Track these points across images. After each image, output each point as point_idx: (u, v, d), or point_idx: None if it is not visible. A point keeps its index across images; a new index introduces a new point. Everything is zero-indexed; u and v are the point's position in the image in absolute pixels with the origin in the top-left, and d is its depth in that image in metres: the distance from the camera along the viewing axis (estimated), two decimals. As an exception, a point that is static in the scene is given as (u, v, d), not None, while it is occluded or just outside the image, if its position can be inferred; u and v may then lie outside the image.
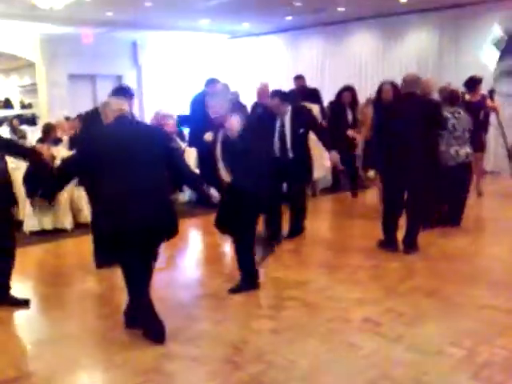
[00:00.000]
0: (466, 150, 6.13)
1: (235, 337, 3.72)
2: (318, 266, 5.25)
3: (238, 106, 7.97)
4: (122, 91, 5.15)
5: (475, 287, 4.54)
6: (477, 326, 3.77)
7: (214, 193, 4.02)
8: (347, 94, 8.54)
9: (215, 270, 5.31)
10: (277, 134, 5.71)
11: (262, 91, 7.63)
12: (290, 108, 5.77)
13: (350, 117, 8.53)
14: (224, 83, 7.74)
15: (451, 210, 6.38)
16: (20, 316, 4.27)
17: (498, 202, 8.00)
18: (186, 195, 8.19)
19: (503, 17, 10.66)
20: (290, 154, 5.74)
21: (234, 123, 4.49)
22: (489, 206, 7.89)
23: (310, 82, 9.94)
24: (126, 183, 3.52)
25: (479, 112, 7.45)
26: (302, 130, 5.74)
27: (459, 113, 6.09)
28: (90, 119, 5.07)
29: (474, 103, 7.41)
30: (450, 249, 5.63)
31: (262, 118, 6.29)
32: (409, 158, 5.26)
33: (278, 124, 5.74)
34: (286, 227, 6.08)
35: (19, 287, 4.80)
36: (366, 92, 9.52)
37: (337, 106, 8.71)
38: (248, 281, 4.60)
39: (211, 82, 7.93)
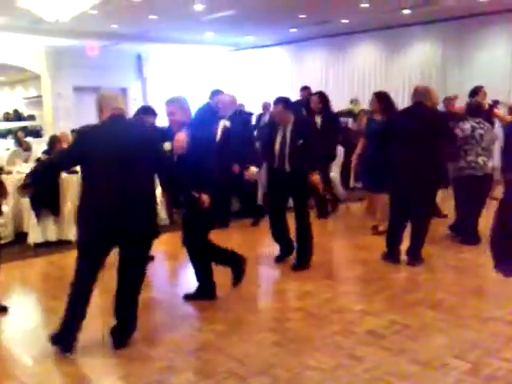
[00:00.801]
0: (493, 162, 6.10)
1: (239, 349, 3.71)
2: (322, 278, 5.24)
3: (243, 116, 8.00)
4: (150, 111, 5.96)
5: (479, 299, 4.52)
6: (481, 339, 3.76)
7: (205, 198, 4.10)
8: (315, 98, 7.66)
9: (219, 281, 5.30)
10: (277, 145, 5.53)
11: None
12: (292, 118, 5.53)
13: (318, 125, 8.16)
14: (231, 95, 7.70)
15: (467, 222, 6.18)
16: (23, 329, 4.27)
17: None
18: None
19: (506, 28, 10.71)
20: (287, 167, 5.42)
21: (180, 139, 4.29)
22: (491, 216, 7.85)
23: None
24: (109, 186, 3.50)
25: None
26: (300, 142, 5.42)
27: (484, 124, 6.07)
28: None
29: None
30: (454, 260, 5.62)
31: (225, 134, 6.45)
32: (414, 169, 5.27)
33: (280, 134, 5.54)
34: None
35: (23, 300, 4.82)
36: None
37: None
38: (202, 291, 4.68)
39: (216, 93, 7.93)
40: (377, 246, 6.08)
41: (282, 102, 5.47)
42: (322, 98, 7.66)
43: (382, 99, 6.45)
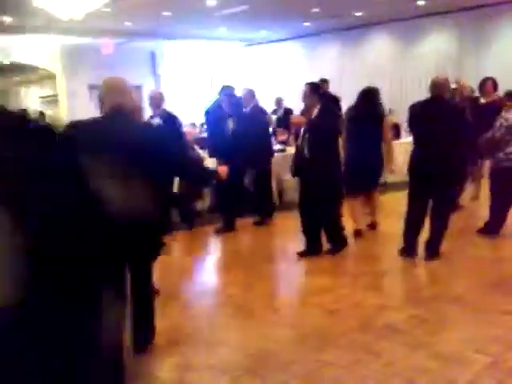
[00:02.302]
0: None
1: (257, 345, 3.69)
2: (339, 273, 5.21)
3: (257, 111, 7.94)
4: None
5: (499, 293, 4.46)
6: (502, 333, 3.70)
7: (222, 170, 3.73)
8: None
9: (235, 277, 5.30)
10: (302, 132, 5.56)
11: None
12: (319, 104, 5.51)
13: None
14: (249, 88, 7.69)
15: (497, 214, 6.03)
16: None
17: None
18: (205, 203, 8.19)
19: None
20: (306, 153, 5.48)
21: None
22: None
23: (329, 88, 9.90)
24: None
25: (493, 114, 7.25)
26: (324, 126, 5.44)
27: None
28: None
29: (486, 105, 7.28)
30: (472, 254, 5.55)
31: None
32: (434, 163, 5.19)
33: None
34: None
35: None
36: (384, 96, 9.45)
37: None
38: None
39: (224, 89, 7.95)
40: (392, 240, 6.03)
41: (312, 83, 5.64)
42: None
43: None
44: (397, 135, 9.84)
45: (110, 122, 3.07)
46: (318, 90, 5.62)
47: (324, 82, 9.23)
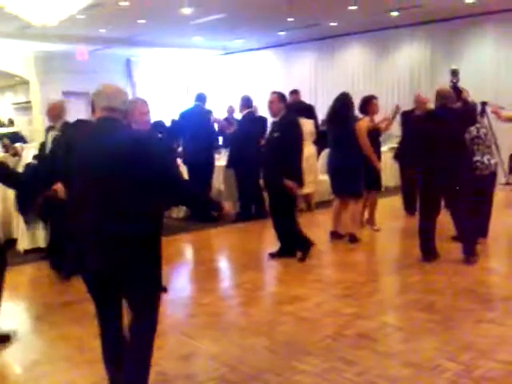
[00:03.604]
0: (495, 159, 6.18)
1: (231, 355, 3.68)
2: (313, 281, 5.23)
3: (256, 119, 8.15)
4: None
5: (472, 301, 4.52)
6: (473, 341, 3.75)
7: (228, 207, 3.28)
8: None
9: (210, 286, 5.28)
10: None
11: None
12: (283, 112, 5.72)
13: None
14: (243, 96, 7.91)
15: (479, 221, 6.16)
16: (14, 337, 4.22)
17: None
18: (181, 211, 8.17)
19: (494, 28, 10.77)
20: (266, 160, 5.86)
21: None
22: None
23: (304, 97, 9.99)
24: (82, 207, 2.75)
25: None
26: (276, 135, 5.64)
27: (483, 123, 6.15)
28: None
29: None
30: (445, 262, 5.61)
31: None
32: (444, 172, 5.33)
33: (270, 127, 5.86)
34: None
35: (13, 307, 4.76)
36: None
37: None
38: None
39: (199, 97, 8.15)
40: (366, 248, 6.10)
41: (277, 93, 5.79)
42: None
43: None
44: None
45: (99, 128, 2.88)
46: (284, 99, 5.73)
47: (295, 92, 9.34)
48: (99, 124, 2.87)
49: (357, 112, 6.82)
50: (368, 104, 6.81)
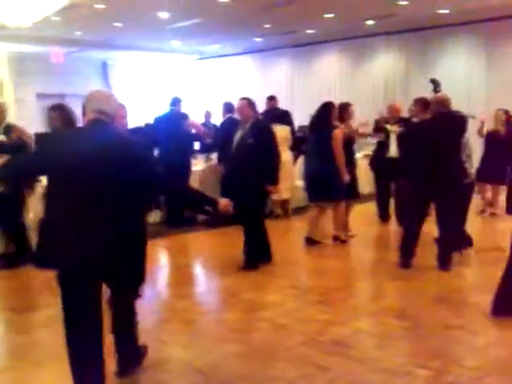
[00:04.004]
0: (472, 169, 6.24)
1: (204, 361, 3.67)
2: (288, 287, 5.25)
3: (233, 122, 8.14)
4: None
5: (443, 308, 4.59)
6: (444, 347, 3.81)
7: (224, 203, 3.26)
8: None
9: (185, 291, 5.26)
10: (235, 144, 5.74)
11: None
12: (252, 118, 5.73)
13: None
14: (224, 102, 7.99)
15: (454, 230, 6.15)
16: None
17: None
18: (156, 215, 8.12)
19: (467, 38, 10.98)
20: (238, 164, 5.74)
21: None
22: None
23: (280, 103, 10.03)
24: (65, 206, 2.81)
25: None
26: (250, 141, 5.61)
27: None
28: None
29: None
30: (417, 268, 5.67)
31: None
32: (440, 177, 5.40)
33: (238, 134, 5.73)
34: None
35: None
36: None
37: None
38: None
39: (175, 101, 8.14)
40: (340, 255, 6.14)
41: (247, 99, 5.79)
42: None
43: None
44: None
45: (89, 132, 3.01)
46: (253, 105, 5.76)
47: (272, 98, 9.39)
48: (89, 125, 3.00)
49: None
50: (345, 111, 6.88)
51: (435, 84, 7.58)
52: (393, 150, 7.46)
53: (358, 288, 5.40)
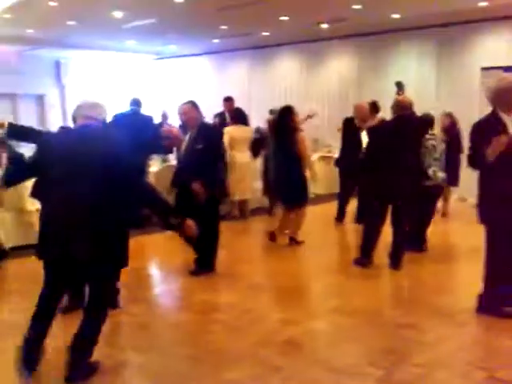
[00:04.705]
0: (443, 174, 6.19)
1: (158, 366, 3.64)
2: (244, 288, 5.25)
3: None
4: None
5: (394, 306, 4.68)
6: (394, 345, 3.88)
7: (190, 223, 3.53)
8: None
9: (139, 295, 5.20)
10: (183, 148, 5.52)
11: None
12: (199, 121, 5.57)
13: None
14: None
15: (416, 232, 6.31)
16: None
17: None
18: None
19: (419, 43, 11.22)
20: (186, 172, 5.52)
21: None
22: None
23: (238, 104, 10.02)
24: (58, 201, 3.23)
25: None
26: (200, 146, 5.39)
27: (434, 134, 6.23)
28: None
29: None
30: (375, 267, 5.76)
31: None
32: (401, 177, 5.47)
33: (187, 137, 5.49)
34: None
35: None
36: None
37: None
38: None
39: (135, 102, 7.95)
40: (294, 255, 6.19)
41: (192, 102, 5.57)
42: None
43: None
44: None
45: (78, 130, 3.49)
46: (197, 107, 5.59)
47: (229, 99, 9.38)
48: (78, 127, 3.50)
49: None
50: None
51: (399, 87, 7.73)
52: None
53: (313, 288, 5.45)
